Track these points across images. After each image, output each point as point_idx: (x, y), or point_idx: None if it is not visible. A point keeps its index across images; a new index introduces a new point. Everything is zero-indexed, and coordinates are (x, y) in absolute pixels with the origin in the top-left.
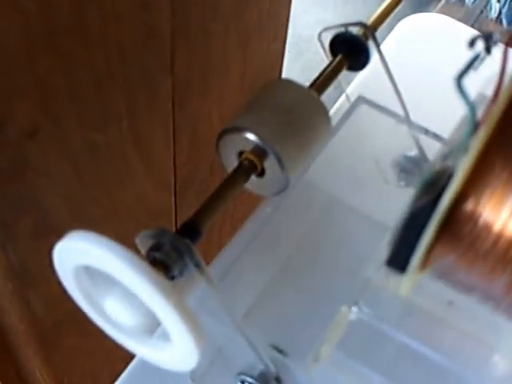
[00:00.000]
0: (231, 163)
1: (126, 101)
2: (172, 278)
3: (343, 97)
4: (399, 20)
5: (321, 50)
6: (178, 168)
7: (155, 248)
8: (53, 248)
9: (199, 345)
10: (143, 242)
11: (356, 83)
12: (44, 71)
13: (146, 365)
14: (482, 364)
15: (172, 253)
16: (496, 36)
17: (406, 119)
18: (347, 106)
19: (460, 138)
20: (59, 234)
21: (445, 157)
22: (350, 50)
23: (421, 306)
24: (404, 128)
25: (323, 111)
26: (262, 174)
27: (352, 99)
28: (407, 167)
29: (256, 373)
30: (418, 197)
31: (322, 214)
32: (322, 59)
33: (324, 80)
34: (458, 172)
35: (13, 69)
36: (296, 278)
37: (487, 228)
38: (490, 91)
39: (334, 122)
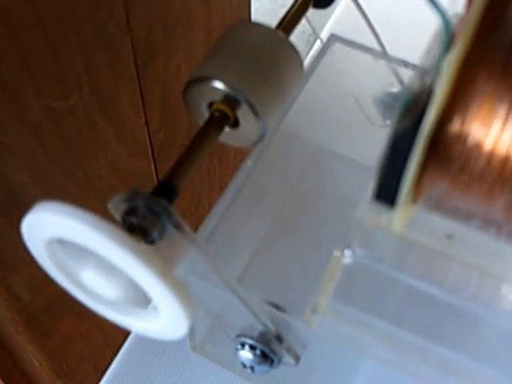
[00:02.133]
0: (202, 116)
1: (84, 65)
2: (152, 242)
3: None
4: None
5: None
6: (153, 133)
7: (130, 212)
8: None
9: (188, 310)
10: (117, 207)
11: (331, 24)
12: None
13: (142, 340)
14: (491, 297)
15: (148, 215)
16: None
17: (384, 53)
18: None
19: (436, 53)
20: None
21: (423, 75)
22: None
23: (419, 242)
24: (382, 63)
25: (293, 52)
26: (236, 124)
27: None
28: (391, 104)
29: (256, 333)
30: (399, 121)
31: (306, 163)
32: None
33: (290, 19)
34: (437, 89)
35: None
36: (286, 231)
37: (478, 146)
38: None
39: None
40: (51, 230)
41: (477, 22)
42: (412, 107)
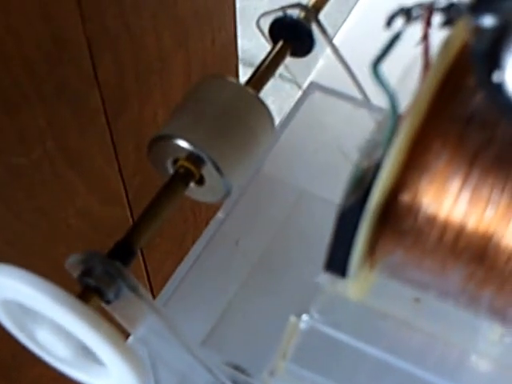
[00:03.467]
0: (167, 172)
1: (47, 121)
2: (108, 302)
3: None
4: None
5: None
6: (127, 179)
7: (86, 273)
8: None
9: (136, 372)
10: (74, 267)
11: (314, 74)
12: None
13: None
14: (457, 367)
15: (103, 277)
16: (416, 9)
17: (366, 102)
18: None
19: (386, 127)
20: None
21: (372, 150)
22: (292, 35)
23: (381, 308)
24: (364, 112)
25: (262, 109)
26: (201, 181)
27: None
28: None
29: None
30: (347, 197)
31: (283, 209)
32: None
33: (262, 74)
34: (385, 165)
35: None
36: (259, 289)
37: (430, 221)
38: (410, 78)
39: None
40: (3, 291)
41: (431, 94)
42: (359, 183)
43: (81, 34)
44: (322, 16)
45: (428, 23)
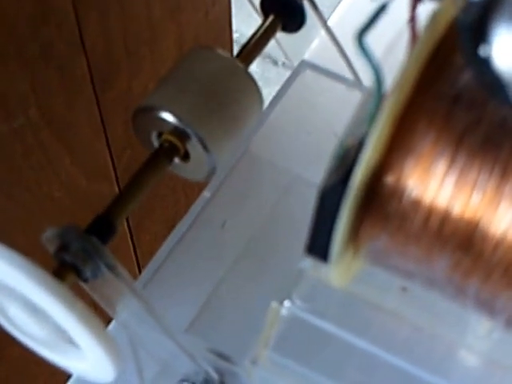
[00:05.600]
0: (152, 145)
1: (30, 85)
2: (86, 280)
3: None
4: None
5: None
6: (116, 155)
7: (62, 248)
8: None
9: (110, 354)
10: (50, 241)
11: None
12: None
13: None
14: (444, 361)
15: (80, 253)
16: None
17: (357, 83)
18: None
19: (370, 102)
20: None
21: (356, 127)
22: (283, 9)
23: (368, 297)
24: (356, 93)
25: (251, 83)
26: (186, 156)
27: None
28: None
29: (199, 379)
30: (329, 176)
31: (273, 192)
32: None
33: (254, 45)
34: (368, 143)
35: None
36: (245, 274)
37: (415, 204)
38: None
39: None
40: None
41: (417, 71)
42: (342, 161)
43: None
44: None
45: None
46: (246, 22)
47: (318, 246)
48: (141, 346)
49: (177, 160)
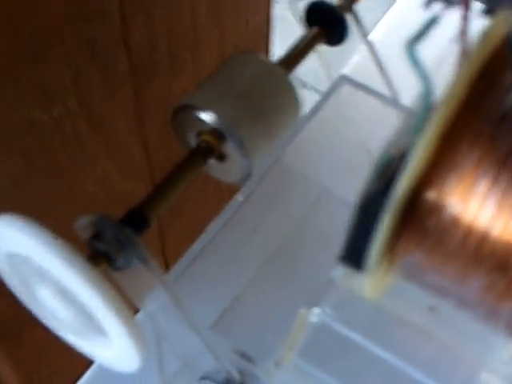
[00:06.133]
0: (189, 145)
1: (71, 77)
2: (118, 269)
3: None
4: None
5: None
6: (152, 154)
7: (96, 236)
8: None
9: (137, 342)
10: (84, 228)
11: (350, 67)
12: None
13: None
14: (466, 382)
15: (113, 242)
16: None
17: (394, 101)
18: None
19: (416, 114)
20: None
21: (402, 137)
22: (326, 22)
23: (396, 311)
24: (392, 111)
25: (291, 90)
26: (222, 158)
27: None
28: None
29: (220, 378)
30: (371, 183)
31: (307, 204)
32: None
33: (295, 55)
34: (413, 154)
35: None
36: (273, 278)
37: (455, 222)
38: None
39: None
40: (10, 244)
41: (466, 87)
42: (385, 170)
43: None
44: (362, 9)
45: (467, 9)
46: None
47: (354, 256)
48: (165, 340)
49: (212, 160)
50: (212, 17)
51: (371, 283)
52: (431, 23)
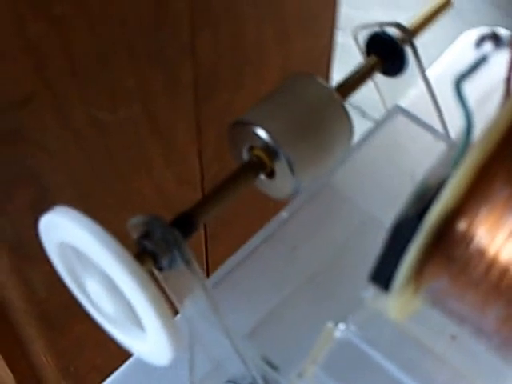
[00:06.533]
0: (241, 158)
1: (136, 82)
2: (161, 268)
3: None
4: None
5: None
6: (206, 165)
7: (145, 235)
8: None
9: (171, 337)
10: (135, 228)
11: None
12: (35, 36)
13: (141, 364)
14: None
15: (160, 243)
16: (506, 36)
17: (445, 136)
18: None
19: (457, 148)
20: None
21: (441, 168)
22: (386, 53)
23: (418, 336)
24: (443, 146)
25: (345, 116)
26: (272, 174)
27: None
28: None
29: (245, 383)
30: (406, 208)
31: (351, 228)
32: None
33: (352, 82)
34: (448, 184)
35: None
36: (306, 295)
37: (480, 252)
38: (490, 103)
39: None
40: (63, 234)
41: (507, 125)
42: (421, 197)
43: (185, 4)
44: (422, 43)
45: None
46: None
47: (383, 275)
48: (199, 341)
49: (262, 176)
50: (277, 37)
51: (397, 305)
52: (480, 62)
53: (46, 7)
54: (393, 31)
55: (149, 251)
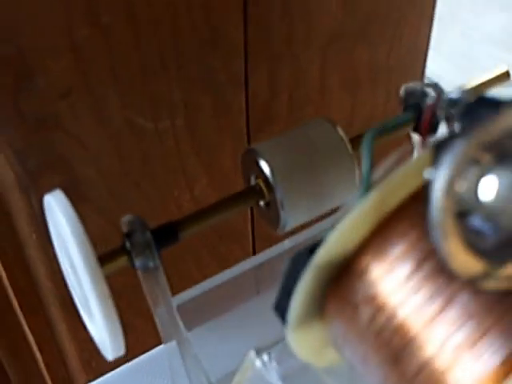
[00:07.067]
0: (249, 183)
1: (183, 97)
2: (134, 267)
3: None
4: None
5: None
6: None
7: (128, 234)
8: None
9: (112, 337)
10: (125, 224)
11: None
12: (81, 39)
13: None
14: None
15: (137, 244)
16: None
17: None
18: None
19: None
20: (93, 205)
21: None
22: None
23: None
24: None
25: (352, 167)
26: (268, 205)
27: None
28: None
29: None
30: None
31: None
32: None
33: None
34: (339, 225)
35: (47, 29)
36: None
37: (368, 298)
38: None
39: None
40: (53, 216)
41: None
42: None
43: (240, 32)
44: None
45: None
46: None
47: (280, 306)
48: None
49: (262, 204)
50: (345, 84)
51: (298, 341)
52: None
53: (96, 15)
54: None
55: (126, 249)
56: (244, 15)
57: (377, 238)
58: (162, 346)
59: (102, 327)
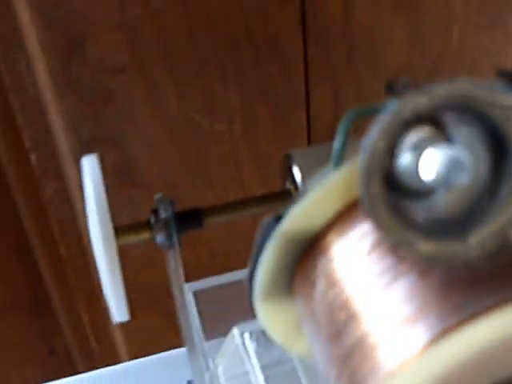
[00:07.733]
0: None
1: (242, 102)
2: (155, 242)
3: None
4: None
5: None
6: None
7: (155, 211)
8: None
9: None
10: (156, 202)
11: None
12: (131, 18)
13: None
14: None
15: (160, 221)
16: None
17: None
18: None
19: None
20: (145, 189)
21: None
22: None
23: None
24: None
25: None
26: None
27: None
28: None
29: None
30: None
31: None
32: None
33: None
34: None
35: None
36: None
37: (323, 275)
38: None
39: None
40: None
41: None
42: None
43: (299, 44)
44: None
45: None
46: None
47: (250, 277)
48: None
49: None
50: None
51: (267, 316)
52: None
53: None
54: None
55: (151, 223)
56: (303, 28)
57: (343, 216)
58: None
59: (108, 293)
